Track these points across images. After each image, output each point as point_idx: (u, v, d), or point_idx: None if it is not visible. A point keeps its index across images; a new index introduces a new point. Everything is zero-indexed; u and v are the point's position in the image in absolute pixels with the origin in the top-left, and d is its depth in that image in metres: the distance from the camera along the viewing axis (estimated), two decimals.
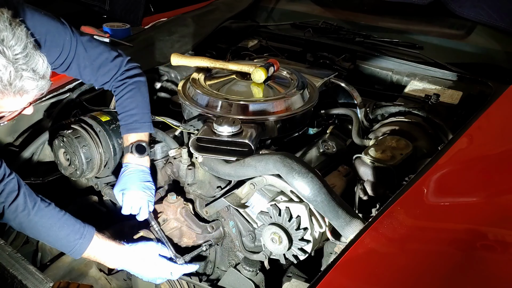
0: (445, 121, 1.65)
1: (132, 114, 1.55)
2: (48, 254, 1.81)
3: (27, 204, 1.28)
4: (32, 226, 1.30)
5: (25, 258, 1.35)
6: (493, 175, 1.34)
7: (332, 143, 1.67)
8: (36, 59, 1.13)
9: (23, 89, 1.12)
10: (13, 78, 1.09)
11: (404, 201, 1.19)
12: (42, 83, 1.15)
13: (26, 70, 1.10)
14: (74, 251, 1.34)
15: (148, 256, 1.41)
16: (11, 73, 1.08)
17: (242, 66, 1.73)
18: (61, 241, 1.33)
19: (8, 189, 1.27)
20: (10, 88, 1.10)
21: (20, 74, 1.10)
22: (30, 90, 1.14)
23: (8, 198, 1.26)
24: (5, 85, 1.08)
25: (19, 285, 1.27)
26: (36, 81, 1.13)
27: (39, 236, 1.35)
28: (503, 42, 2.06)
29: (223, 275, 1.53)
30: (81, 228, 1.34)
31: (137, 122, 1.56)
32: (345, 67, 2.12)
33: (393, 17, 2.43)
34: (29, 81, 1.12)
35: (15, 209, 1.27)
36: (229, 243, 1.56)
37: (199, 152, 1.43)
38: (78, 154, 1.63)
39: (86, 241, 1.34)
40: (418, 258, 1.07)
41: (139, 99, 1.58)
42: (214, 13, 2.59)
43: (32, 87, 1.13)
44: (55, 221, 1.32)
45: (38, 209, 1.30)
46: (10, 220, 1.30)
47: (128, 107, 1.56)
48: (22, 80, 1.10)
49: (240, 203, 1.43)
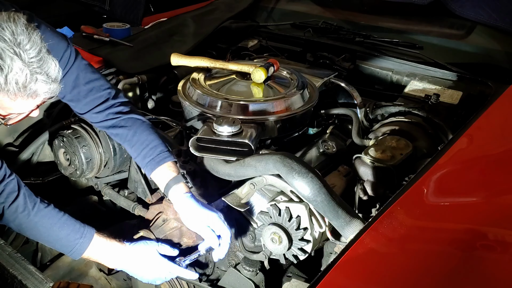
0: (445, 121, 1.65)
1: (152, 147, 1.44)
2: (48, 254, 1.81)
3: (27, 204, 1.28)
4: (32, 226, 1.30)
5: (25, 258, 1.35)
6: (493, 175, 1.34)
7: (332, 143, 1.67)
8: (49, 63, 1.15)
9: (36, 92, 1.14)
10: (28, 81, 1.10)
11: (404, 201, 1.19)
12: (54, 87, 1.17)
13: (40, 73, 1.12)
14: (74, 251, 1.33)
15: (149, 256, 1.40)
16: (27, 76, 1.09)
17: (242, 66, 1.73)
18: (61, 241, 1.32)
19: (8, 190, 1.27)
20: (24, 91, 1.11)
21: (35, 77, 1.11)
22: (42, 93, 1.15)
23: (8, 198, 1.26)
24: (19, 88, 1.10)
25: (19, 285, 1.27)
26: (49, 84, 1.15)
27: (39, 237, 1.33)
28: (503, 42, 2.06)
29: (223, 275, 1.53)
30: (81, 228, 1.34)
31: (163, 152, 1.44)
32: (345, 67, 2.12)
33: (393, 17, 2.42)
34: (43, 85, 1.14)
35: (15, 210, 1.27)
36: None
37: (199, 152, 1.43)
38: (78, 154, 1.63)
39: (86, 241, 1.33)
40: (418, 258, 1.07)
41: (149, 132, 1.47)
42: (214, 13, 2.59)
43: (45, 90, 1.15)
44: (55, 221, 1.31)
45: (38, 209, 1.30)
46: (10, 221, 1.29)
47: (146, 142, 1.44)
48: (37, 83, 1.12)
49: (240, 203, 1.43)
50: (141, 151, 1.44)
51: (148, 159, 1.42)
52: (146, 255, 1.39)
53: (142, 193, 1.71)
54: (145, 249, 1.40)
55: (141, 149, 1.44)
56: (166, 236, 1.54)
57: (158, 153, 1.42)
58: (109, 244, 1.37)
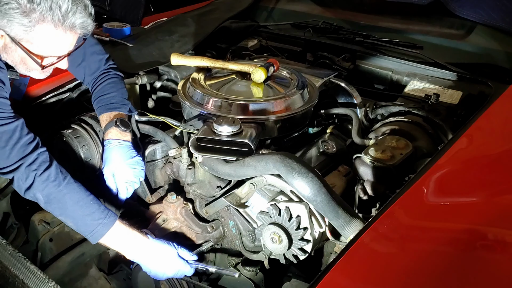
0: (445, 121, 1.65)
1: (112, 96, 1.63)
2: (48, 254, 1.81)
3: (58, 175, 1.31)
4: (60, 197, 1.30)
5: (26, 258, 1.35)
6: (493, 175, 1.34)
7: (332, 143, 1.67)
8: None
9: (74, 24, 1.24)
10: (69, 9, 1.21)
11: (404, 201, 1.19)
12: (89, 21, 1.27)
13: (79, 4, 1.23)
14: (95, 232, 1.32)
15: (169, 255, 1.38)
16: (69, 3, 1.20)
17: (242, 66, 1.73)
18: (85, 219, 1.32)
19: (41, 159, 1.31)
20: (67, 19, 1.21)
21: (75, 7, 1.22)
22: (78, 26, 1.25)
23: (41, 166, 1.29)
24: (63, 15, 1.21)
25: (20, 284, 1.27)
26: (86, 17, 1.25)
27: (64, 210, 1.33)
28: (503, 42, 2.05)
29: (223, 275, 1.53)
30: (105, 210, 1.34)
31: (117, 103, 1.62)
32: (345, 67, 2.12)
33: (393, 17, 2.43)
34: (80, 16, 1.24)
35: (47, 178, 1.29)
36: (229, 243, 1.56)
37: (199, 152, 1.43)
38: (78, 154, 1.63)
39: (109, 223, 1.32)
40: (418, 258, 1.07)
41: (119, 87, 1.67)
42: (214, 13, 2.59)
43: (81, 22, 1.25)
44: (82, 197, 1.32)
45: (68, 181, 1.32)
46: (39, 190, 1.30)
47: (109, 91, 1.64)
48: (75, 13, 1.22)
49: (240, 203, 1.43)
50: (98, 97, 1.63)
51: (100, 104, 1.62)
52: (167, 253, 1.38)
53: (142, 193, 1.71)
54: (167, 248, 1.39)
55: (99, 95, 1.64)
56: (166, 236, 1.54)
57: (112, 103, 1.61)
58: (131, 233, 1.36)
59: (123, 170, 1.52)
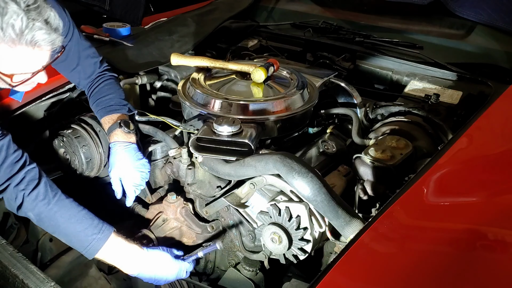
0: (445, 121, 1.65)
1: (111, 98, 1.63)
2: (48, 254, 1.81)
3: (48, 193, 1.28)
4: (51, 216, 1.28)
5: (26, 258, 1.35)
6: (493, 175, 1.34)
7: (332, 143, 1.67)
8: (48, 12, 1.16)
9: (35, 40, 1.14)
10: (25, 26, 1.11)
11: (404, 201, 1.19)
12: (54, 37, 1.17)
13: (37, 20, 1.13)
14: (90, 248, 1.30)
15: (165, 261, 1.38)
16: (22, 20, 1.10)
17: (242, 66, 1.73)
18: (79, 235, 1.30)
19: (29, 177, 1.27)
20: (22, 37, 1.11)
21: (32, 23, 1.12)
22: (42, 42, 1.15)
23: (28, 185, 1.27)
24: (17, 34, 1.11)
25: (20, 284, 1.27)
26: (48, 33, 1.15)
27: (57, 228, 1.31)
28: (503, 42, 2.06)
29: (223, 275, 1.54)
30: (100, 224, 1.32)
31: (117, 105, 1.62)
32: (345, 67, 2.12)
33: (393, 17, 2.43)
34: (41, 32, 1.14)
35: (35, 197, 1.27)
36: (229, 243, 1.56)
37: (199, 152, 1.43)
38: (78, 154, 1.63)
39: (103, 237, 1.30)
40: (418, 258, 1.07)
41: (116, 88, 1.67)
42: (214, 13, 2.59)
43: (44, 38, 1.15)
44: (74, 213, 1.30)
45: (58, 199, 1.29)
46: (29, 209, 1.28)
47: (106, 93, 1.64)
48: (34, 29, 1.12)
49: (240, 203, 1.43)
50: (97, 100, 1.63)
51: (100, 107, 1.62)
52: (163, 259, 1.38)
53: (142, 193, 1.71)
54: (162, 254, 1.38)
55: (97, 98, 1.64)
56: (166, 236, 1.54)
57: (111, 104, 1.61)
58: (127, 246, 1.34)
59: (131, 174, 1.52)
